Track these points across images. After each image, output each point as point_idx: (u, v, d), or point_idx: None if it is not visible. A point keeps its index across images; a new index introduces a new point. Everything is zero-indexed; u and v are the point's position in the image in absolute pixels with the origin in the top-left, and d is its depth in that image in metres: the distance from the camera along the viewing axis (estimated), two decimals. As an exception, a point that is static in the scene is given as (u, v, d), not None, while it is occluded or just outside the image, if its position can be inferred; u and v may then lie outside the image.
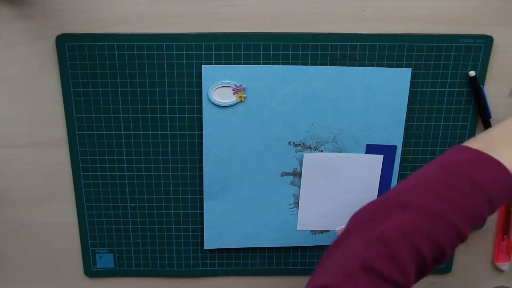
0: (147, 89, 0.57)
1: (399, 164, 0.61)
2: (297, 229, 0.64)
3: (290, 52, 0.56)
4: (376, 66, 0.57)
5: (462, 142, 0.60)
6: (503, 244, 0.66)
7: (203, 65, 0.56)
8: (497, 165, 0.42)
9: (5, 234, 0.64)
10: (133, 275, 0.66)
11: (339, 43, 0.56)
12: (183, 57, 0.56)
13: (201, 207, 0.62)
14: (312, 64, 0.56)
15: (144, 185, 0.61)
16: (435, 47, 0.56)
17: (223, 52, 0.56)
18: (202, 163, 0.60)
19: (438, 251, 0.41)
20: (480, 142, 0.45)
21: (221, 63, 0.56)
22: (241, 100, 0.57)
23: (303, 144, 0.60)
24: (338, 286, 0.39)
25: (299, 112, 0.58)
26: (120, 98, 0.57)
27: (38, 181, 0.61)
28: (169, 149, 0.60)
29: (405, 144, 0.60)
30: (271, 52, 0.56)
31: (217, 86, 0.56)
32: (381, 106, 0.58)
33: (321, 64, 0.56)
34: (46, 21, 0.54)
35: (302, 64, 0.56)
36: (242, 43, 0.55)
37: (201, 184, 0.61)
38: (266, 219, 0.63)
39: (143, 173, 0.61)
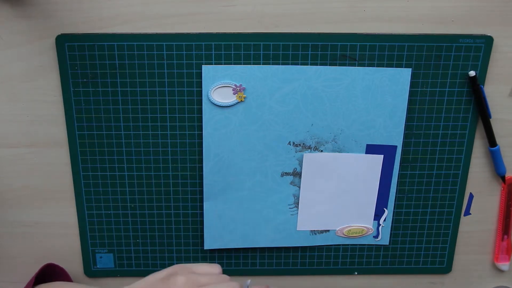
0: (147, 89, 0.57)
1: (399, 164, 0.61)
2: (297, 229, 0.64)
3: (290, 52, 0.56)
4: (376, 66, 0.57)
5: (462, 142, 0.61)
6: (503, 244, 0.66)
7: (203, 65, 0.56)
8: None
9: (5, 234, 0.64)
10: (133, 275, 0.66)
11: (339, 43, 0.56)
12: (183, 57, 0.56)
13: (201, 207, 0.62)
14: (312, 64, 0.56)
15: (144, 185, 0.61)
16: (435, 47, 0.56)
17: (223, 52, 0.56)
18: (202, 163, 0.60)
19: None
20: None
21: (221, 63, 0.56)
22: (241, 100, 0.57)
23: (303, 144, 0.60)
24: None
25: (299, 112, 0.58)
26: (120, 98, 0.57)
27: (38, 181, 0.61)
28: (169, 149, 0.60)
29: (405, 144, 0.61)
30: (271, 52, 0.56)
31: (217, 86, 0.56)
32: (381, 106, 0.58)
33: (321, 64, 0.56)
34: (46, 21, 0.54)
35: (302, 64, 0.56)
36: (242, 43, 0.55)
37: (201, 184, 0.61)
38: (266, 219, 0.63)
39: (143, 173, 0.61)
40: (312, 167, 0.61)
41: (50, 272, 0.62)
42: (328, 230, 0.64)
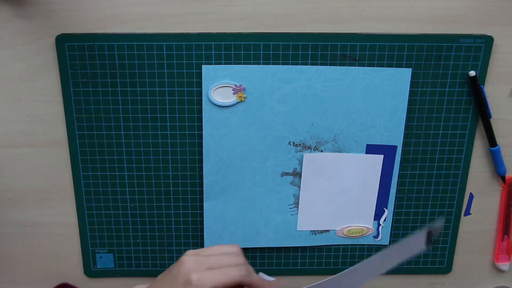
0: (147, 89, 0.57)
1: (399, 164, 0.61)
2: (297, 229, 0.64)
3: (290, 52, 0.56)
4: (376, 66, 0.57)
5: (462, 142, 0.61)
6: (503, 244, 0.66)
7: (203, 65, 0.56)
8: None
9: (5, 234, 0.64)
10: (133, 275, 0.66)
11: (339, 43, 0.56)
12: (183, 57, 0.56)
13: (201, 207, 0.62)
14: (312, 64, 0.56)
15: (144, 185, 0.61)
16: (435, 47, 0.56)
17: (223, 52, 0.56)
18: (202, 163, 0.60)
19: None
20: None
21: (221, 63, 0.56)
22: (241, 100, 0.57)
23: (303, 144, 0.60)
24: None
25: (299, 112, 0.58)
26: (120, 98, 0.57)
27: (38, 181, 0.61)
28: (169, 149, 0.60)
29: (405, 144, 0.61)
30: (271, 52, 0.56)
31: (217, 86, 0.56)
32: (381, 106, 0.58)
33: (321, 64, 0.56)
34: (46, 21, 0.54)
35: (302, 64, 0.56)
36: (242, 43, 0.55)
37: (201, 184, 0.61)
38: (266, 219, 0.63)
39: (143, 173, 0.61)
40: (312, 167, 0.61)
41: None
42: (328, 230, 0.64)
